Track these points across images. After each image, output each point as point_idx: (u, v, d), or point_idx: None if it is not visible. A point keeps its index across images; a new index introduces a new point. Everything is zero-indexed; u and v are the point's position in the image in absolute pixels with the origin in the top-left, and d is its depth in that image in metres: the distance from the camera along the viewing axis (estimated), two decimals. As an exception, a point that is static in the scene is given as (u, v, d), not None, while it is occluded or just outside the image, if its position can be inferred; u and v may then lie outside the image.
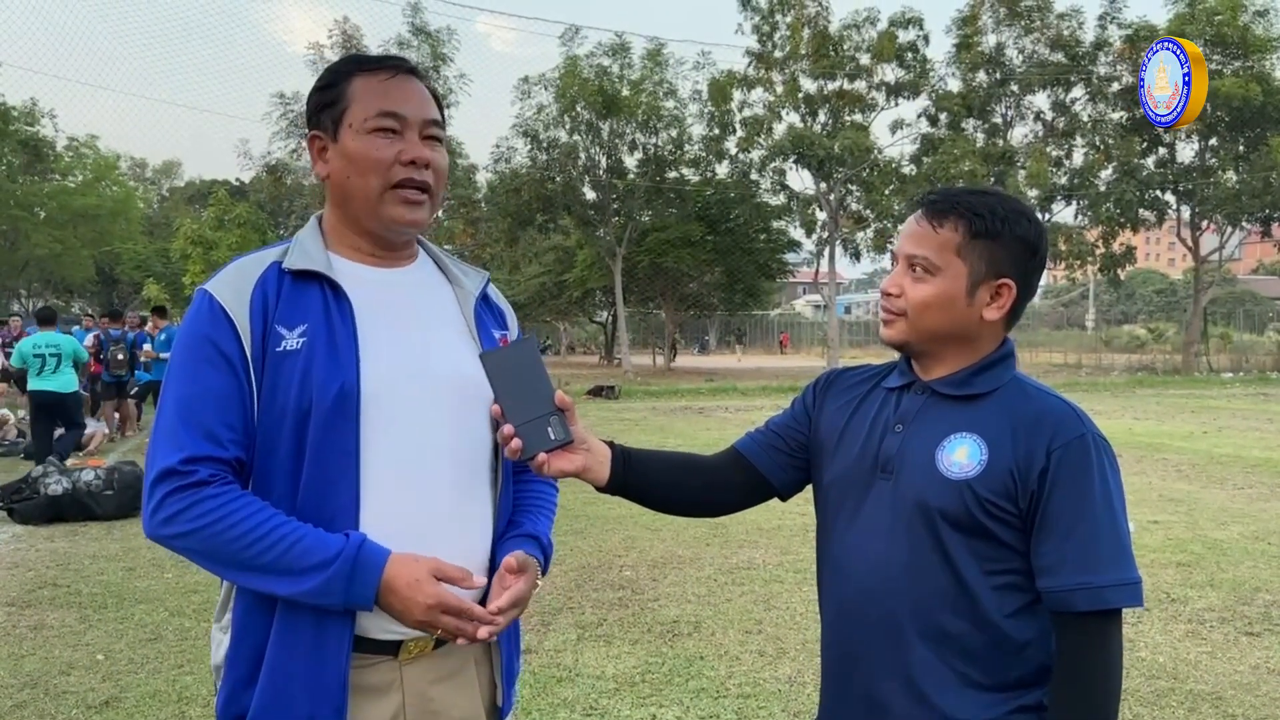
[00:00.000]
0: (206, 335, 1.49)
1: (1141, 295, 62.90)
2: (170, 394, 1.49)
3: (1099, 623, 1.43)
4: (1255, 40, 27.64)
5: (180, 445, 1.44)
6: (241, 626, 1.50)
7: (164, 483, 1.43)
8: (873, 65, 29.38)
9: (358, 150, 1.56)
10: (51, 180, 36.23)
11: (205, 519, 1.42)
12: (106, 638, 4.98)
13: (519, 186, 29.22)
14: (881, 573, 1.53)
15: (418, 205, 1.58)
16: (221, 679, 1.53)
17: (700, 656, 4.65)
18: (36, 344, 10.07)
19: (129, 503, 8.06)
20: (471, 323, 1.67)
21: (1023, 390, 1.54)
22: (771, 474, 1.73)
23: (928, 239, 1.54)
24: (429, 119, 1.60)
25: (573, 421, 1.55)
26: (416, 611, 1.44)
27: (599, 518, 7.52)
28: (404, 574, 1.44)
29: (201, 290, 1.54)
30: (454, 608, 1.45)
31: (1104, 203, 29.56)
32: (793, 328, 60.43)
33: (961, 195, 1.55)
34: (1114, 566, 1.43)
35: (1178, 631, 5.05)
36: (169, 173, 61.95)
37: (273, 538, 1.42)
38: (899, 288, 1.56)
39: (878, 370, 1.72)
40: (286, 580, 1.42)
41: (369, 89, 1.58)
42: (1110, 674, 1.43)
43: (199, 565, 1.49)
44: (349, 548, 1.43)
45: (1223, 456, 11.60)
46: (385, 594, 1.44)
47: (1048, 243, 1.62)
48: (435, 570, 1.46)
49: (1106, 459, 1.48)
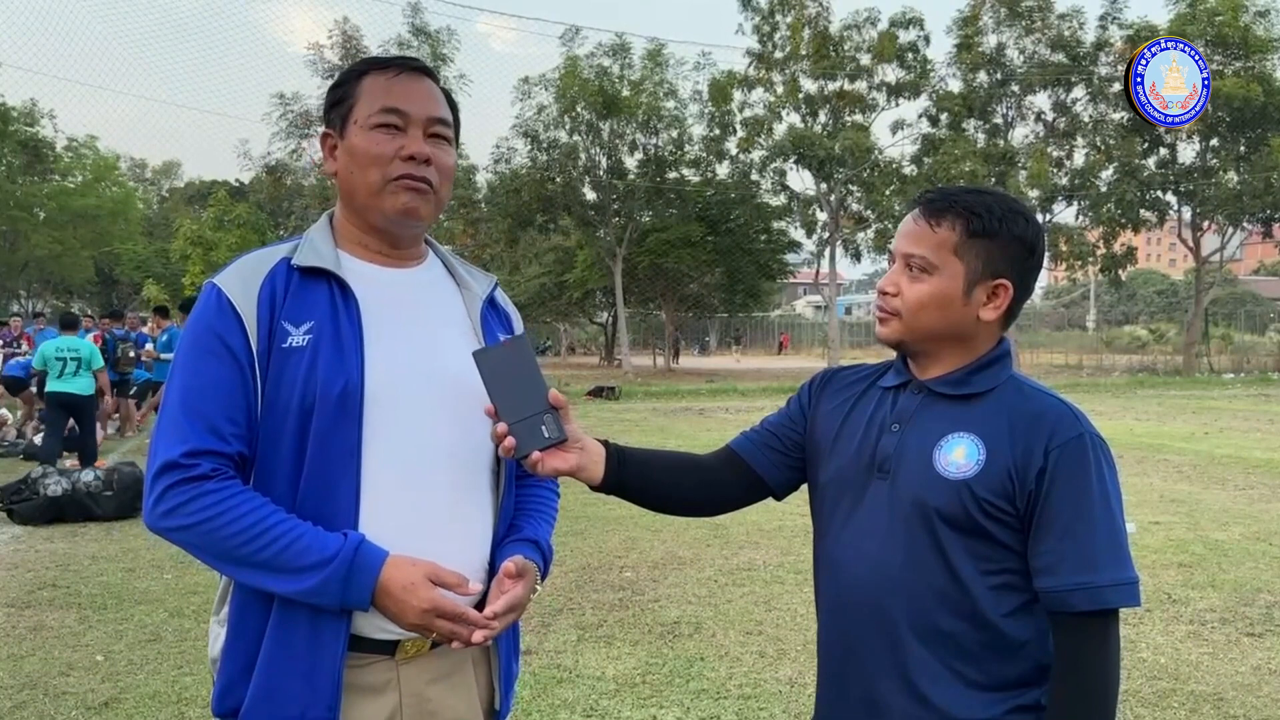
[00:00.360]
0: (212, 328, 1.49)
1: (1142, 296, 62.89)
2: (175, 386, 1.49)
3: (1097, 622, 1.43)
4: (1256, 41, 27.64)
5: (183, 438, 1.44)
6: (238, 621, 1.50)
7: (166, 475, 1.43)
8: (873, 65, 29.42)
9: (359, 145, 1.57)
10: (51, 181, 36.28)
11: (205, 513, 1.42)
12: (106, 638, 4.97)
13: (519, 187, 29.24)
14: (879, 572, 1.53)
15: (418, 194, 1.58)
16: (217, 672, 1.53)
17: (701, 657, 4.64)
18: (59, 347, 10.39)
19: (129, 504, 8.05)
20: (478, 325, 1.67)
21: (1020, 390, 1.54)
22: (767, 473, 1.72)
23: (925, 237, 1.53)
24: (434, 116, 1.60)
25: (567, 420, 1.55)
26: (411, 615, 1.44)
27: (599, 518, 7.51)
28: (399, 577, 1.43)
29: (210, 283, 1.54)
30: (449, 612, 1.44)
31: (1105, 203, 29.56)
32: (793, 328, 60.45)
33: (959, 194, 1.54)
34: (1112, 566, 1.43)
35: (1179, 632, 5.05)
36: (169, 173, 61.98)
37: (271, 535, 1.42)
38: (895, 286, 1.55)
39: (874, 369, 1.71)
40: (283, 578, 1.42)
41: (375, 86, 1.59)
42: (1108, 673, 1.43)
43: (198, 559, 1.49)
44: (346, 549, 1.43)
45: (1224, 457, 11.60)
46: (380, 596, 1.44)
47: (1045, 243, 1.61)
48: (431, 574, 1.45)
49: (1104, 458, 1.48)
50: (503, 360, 1.52)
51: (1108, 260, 31.05)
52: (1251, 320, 43.19)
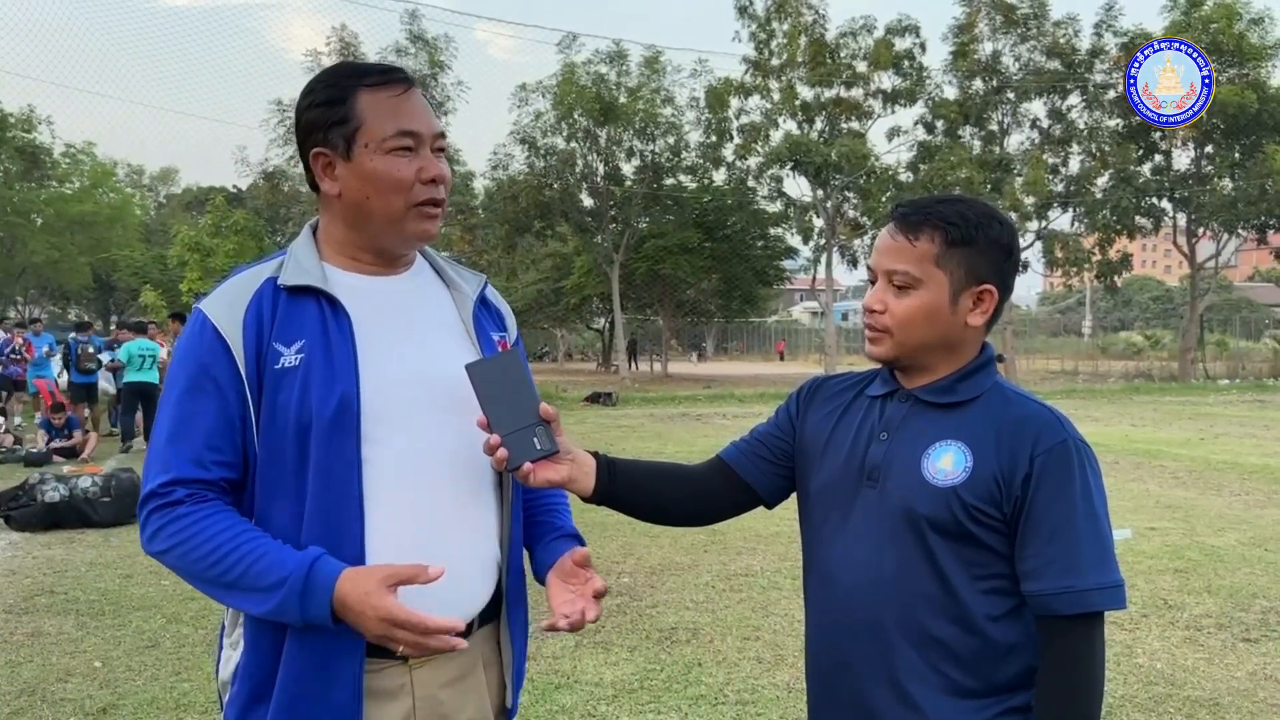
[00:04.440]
0: (198, 359, 1.51)
1: (1138, 302, 62.98)
2: (163, 417, 1.53)
3: (1082, 625, 1.45)
4: (1250, 48, 27.73)
5: (166, 467, 1.48)
6: (254, 640, 1.51)
7: (149, 502, 1.49)
8: (869, 73, 29.42)
9: (379, 170, 1.54)
10: (48, 187, 36.21)
11: (178, 536, 1.46)
12: (104, 645, 4.97)
13: (516, 193, 29.20)
14: (869, 580, 1.55)
15: (435, 219, 1.60)
16: (230, 695, 1.53)
17: (698, 663, 4.65)
18: (140, 346, 13.27)
19: (126, 510, 8.05)
20: (470, 326, 1.67)
21: (1004, 396, 1.56)
22: (757, 482, 1.73)
23: (905, 252, 1.54)
24: (438, 132, 1.60)
25: (558, 432, 1.57)
26: (370, 625, 1.40)
27: (596, 524, 7.51)
28: (353, 588, 1.40)
29: (197, 309, 1.55)
30: (402, 621, 1.39)
31: (1100, 210, 29.59)
32: (790, 334, 60.48)
33: (931, 205, 1.56)
34: (1096, 570, 1.45)
35: (1175, 638, 5.06)
36: (166, 179, 61.88)
37: (235, 556, 1.43)
38: (883, 303, 1.56)
39: (861, 377, 1.73)
40: (251, 598, 1.44)
41: (382, 106, 1.55)
42: (1094, 675, 1.45)
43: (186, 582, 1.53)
44: (300, 567, 1.42)
45: (1220, 463, 11.62)
46: (340, 611, 1.41)
47: (1019, 242, 1.63)
48: (386, 578, 1.41)
49: (1088, 463, 1.50)
50: (495, 372, 1.54)
51: (1103, 267, 31.08)
52: (1246, 326, 43.25)
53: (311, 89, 1.60)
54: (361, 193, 1.56)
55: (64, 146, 36.66)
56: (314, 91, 1.59)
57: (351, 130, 1.55)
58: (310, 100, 1.59)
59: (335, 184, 1.58)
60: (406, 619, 1.39)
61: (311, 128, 1.58)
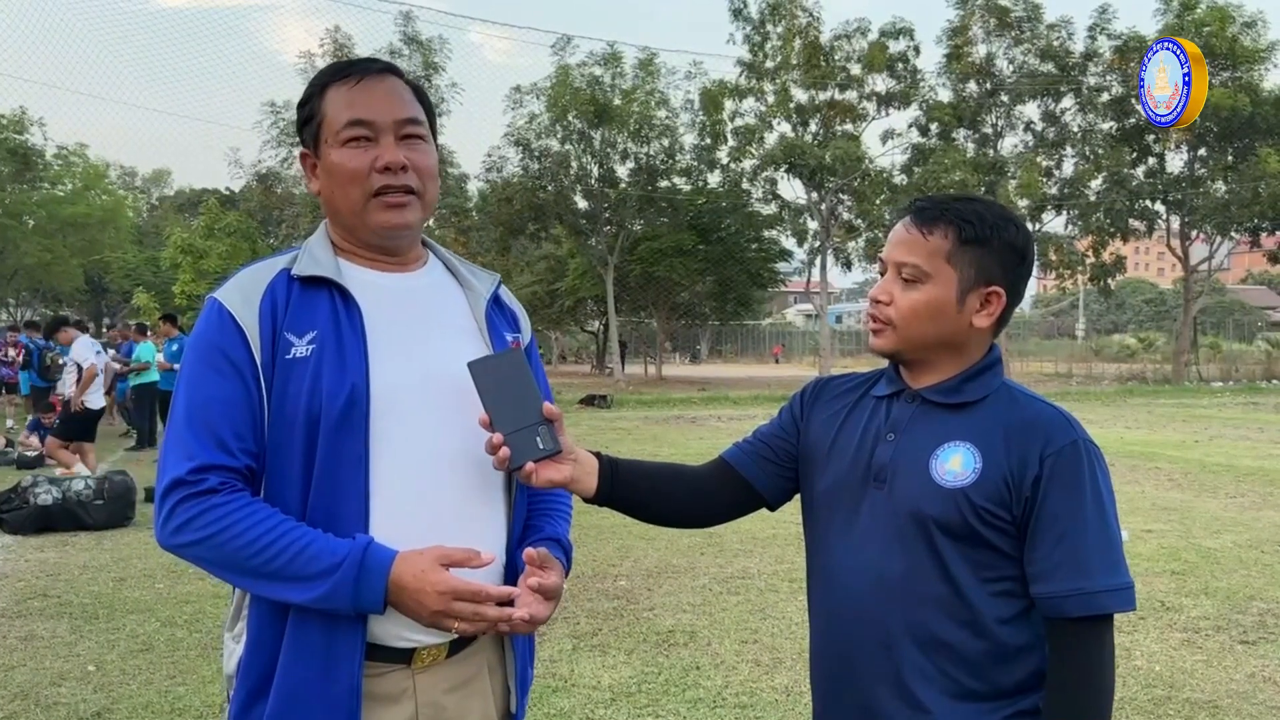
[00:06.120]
0: (215, 343, 1.49)
1: (1131, 305, 63.21)
2: (180, 402, 1.49)
3: (1092, 628, 1.44)
4: (1243, 51, 27.82)
5: (190, 454, 1.44)
6: (256, 635, 1.49)
7: (174, 492, 1.43)
8: (864, 75, 29.48)
9: (335, 163, 1.55)
10: (40, 189, 36.14)
11: (214, 527, 1.41)
12: (98, 648, 4.94)
13: (511, 195, 29.19)
14: (877, 582, 1.53)
15: (402, 208, 1.56)
16: (234, 689, 1.52)
17: (696, 666, 4.63)
18: (151, 349, 13.74)
19: (119, 513, 8.03)
20: (483, 326, 1.66)
21: (1012, 397, 1.54)
22: (760, 484, 1.72)
23: (917, 245, 1.53)
24: (402, 118, 1.56)
25: (561, 432, 1.55)
26: (429, 602, 1.40)
27: (593, 527, 7.50)
28: (409, 568, 1.41)
29: (211, 298, 1.53)
30: (465, 592, 1.41)
31: (1094, 212, 29.67)
32: (784, 337, 60.53)
33: (950, 202, 1.55)
34: (1106, 572, 1.44)
35: (1173, 640, 5.06)
36: (159, 181, 61.75)
37: (280, 544, 1.41)
38: (888, 295, 1.55)
39: (866, 378, 1.71)
40: (296, 587, 1.41)
41: (337, 99, 1.55)
42: (1103, 678, 1.44)
43: (213, 575, 1.49)
44: (354, 551, 1.42)
45: (1215, 465, 11.64)
46: (395, 592, 1.41)
47: (1034, 250, 1.62)
48: (440, 556, 1.43)
49: (1098, 464, 1.49)
50: (497, 370, 1.53)
51: (1097, 269, 31.17)
52: (1240, 329, 43.44)
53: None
54: (329, 188, 1.58)
55: (56, 148, 36.64)
56: (303, 95, 1.62)
57: (315, 127, 1.57)
58: (297, 105, 1.64)
59: (316, 182, 1.60)
60: (466, 589, 1.40)
61: (298, 130, 1.63)
